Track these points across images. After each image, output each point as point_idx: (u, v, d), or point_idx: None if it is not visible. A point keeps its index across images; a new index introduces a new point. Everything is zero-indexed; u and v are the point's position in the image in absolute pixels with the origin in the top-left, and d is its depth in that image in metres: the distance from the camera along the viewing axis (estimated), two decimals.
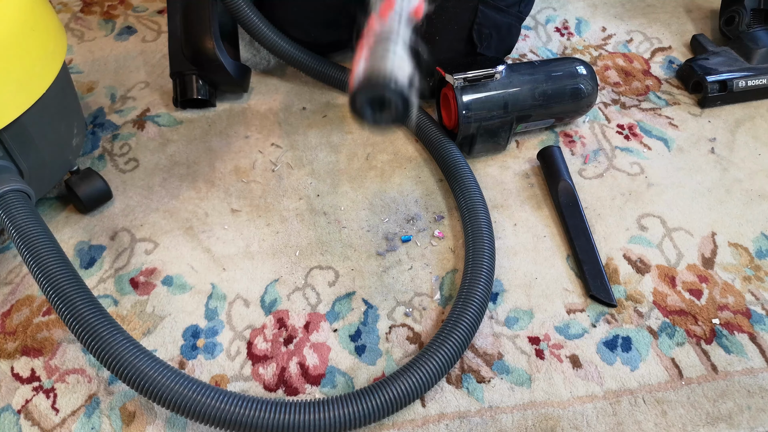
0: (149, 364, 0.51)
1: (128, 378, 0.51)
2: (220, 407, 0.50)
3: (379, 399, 0.53)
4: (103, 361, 0.51)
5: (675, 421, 0.56)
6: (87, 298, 0.53)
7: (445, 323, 0.59)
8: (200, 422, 0.51)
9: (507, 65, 0.74)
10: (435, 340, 0.58)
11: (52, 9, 0.67)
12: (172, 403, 0.51)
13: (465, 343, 0.58)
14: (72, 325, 0.52)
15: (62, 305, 0.52)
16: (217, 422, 0.51)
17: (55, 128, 0.66)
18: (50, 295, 0.52)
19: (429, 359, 0.56)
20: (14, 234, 0.55)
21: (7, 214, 0.56)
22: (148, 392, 0.51)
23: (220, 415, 0.50)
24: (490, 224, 0.67)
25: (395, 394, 0.53)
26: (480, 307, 0.60)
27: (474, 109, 0.72)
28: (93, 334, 0.51)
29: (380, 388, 0.54)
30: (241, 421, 0.50)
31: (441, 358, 0.56)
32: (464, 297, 0.60)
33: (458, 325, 0.58)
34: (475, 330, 0.59)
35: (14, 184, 0.58)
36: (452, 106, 0.75)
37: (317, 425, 0.51)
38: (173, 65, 0.83)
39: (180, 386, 0.51)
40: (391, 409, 0.54)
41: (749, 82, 0.83)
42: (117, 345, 0.51)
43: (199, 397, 0.50)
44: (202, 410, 0.50)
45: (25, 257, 0.54)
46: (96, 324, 0.51)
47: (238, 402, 0.51)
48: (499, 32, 0.79)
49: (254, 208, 0.74)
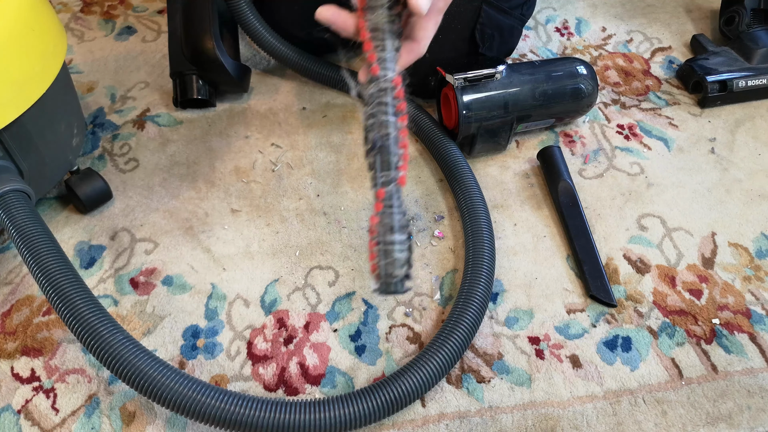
0: (149, 363, 0.51)
1: (128, 378, 0.51)
2: (220, 407, 0.50)
3: (380, 399, 0.53)
4: (104, 360, 0.51)
5: (675, 421, 0.56)
6: (87, 298, 0.53)
7: (445, 323, 0.59)
8: (201, 422, 0.51)
9: (507, 65, 0.74)
10: (435, 340, 0.58)
11: (52, 9, 0.67)
12: (173, 402, 0.51)
13: (465, 344, 0.58)
14: (72, 325, 0.52)
15: (62, 305, 0.52)
16: (217, 422, 0.51)
17: (55, 128, 0.66)
18: (50, 295, 0.52)
19: (429, 360, 0.55)
20: (14, 234, 0.55)
21: (7, 214, 0.56)
22: (148, 392, 0.51)
23: (221, 415, 0.50)
24: (491, 224, 0.67)
25: (395, 394, 0.53)
26: (480, 307, 0.60)
27: (474, 109, 0.72)
28: (93, 334, 0.51)
29: (380, 388, 0.54)
30: (242, 420, 0.50)
31: (441, 359, 0.56)
32: (464, 297, 0.60)
33: (458, 325, 0.58)
34: (475, 330, 0.59)
35: (14, 184, 0.58)
36: (453, 106, 0.75)
37: (317, 425, 0.51)
38: (173, 65, 0.83)
39: (180, 386, 0.51)
40: (391, 409, 0.54)
41: (749, 82, 0.83)
42: (117, 344, 0.51)
43: (200, 397, 0.50)
44: (203, 410, 0.50)
45: (25, 257, 0.54)
46: (96, 324, 0.51)
47: (238, 401, 0.51)
48: (501, 34, 0.79)
49: (254, 208, 0.74)
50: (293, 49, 0.84)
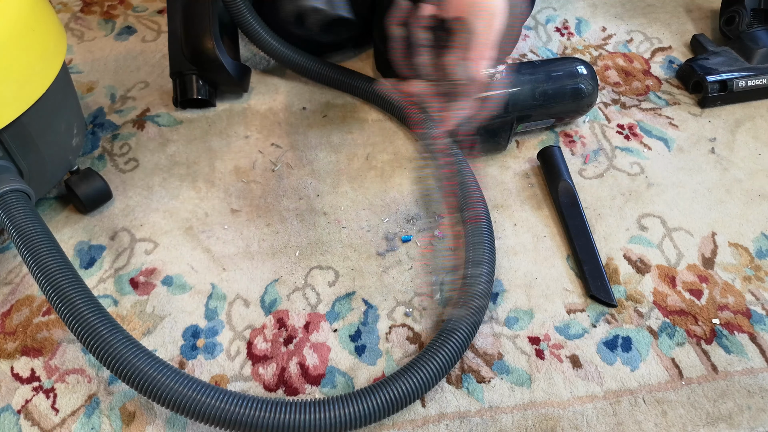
0: (149, 363, 0.51)
1: (128, 377, 0.51)
2: (219, 406, 0.50)
3: (379, 399, 0.53)
4: (103, 360, 0.51)
5: (675, 421, 0.56)
6: (86, 298, 0.53)
7: (445, 323, 0.59)
8: (200, 421, 0.51)
9: (507, 65, 0.74)
10: (435, 340, 0.58)
11: (52, 9, 0.67)
12: (172, 402, 0.51)
13: (465, 344, 0.58)
14: (72, 325, 0.52)
15: (62, 305, 0.52)
16: (216, 422, 0.51)
17: (55, 128, 0.66)
18: (50, 295, 0.52)
19: (429, 360, 0.55)
20: (14, 234, 0.55)
21: (7, 214, 0.56)
22: (147, 391, 0.51)
23: (220, 415, 0.50)
24: (491, 223, 0.67)
25: (395, 394, 0.53)
26: (480, 307, 0.60)
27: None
28: (93, 334, 0.51)
29: (380, 388, 0.54)
30: (241, 420, 0.50)
31: (441, 359, 0.56)
32: (464, 297, 0.60)
33: (459, 325, 0.58)
34: (475, 330, 0.59)
35: (14, 184, 0.58)
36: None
37: (317, 425, 0.51)
38: (173, 65, 0.83)
39: (180, 385, 0.51)
40: (391, 409, 0.54)
41: (749, 82, 0.83)
42: (117, 344, 0.51)
43: (199, 396, 0.50)
44: (202, 409, 0.50)
45: (25, 257, 0.54)
46: (95, 323, 0.51)
47: (238, 401, 0.51)
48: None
49: (254, 208, 0.74)
50: (292, 49, 0.84)
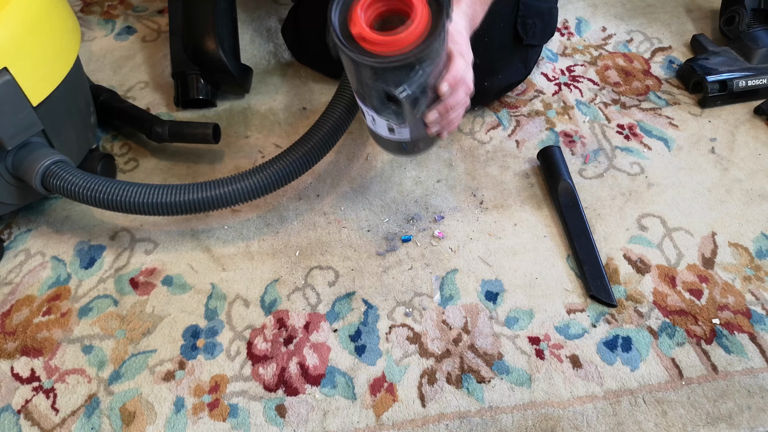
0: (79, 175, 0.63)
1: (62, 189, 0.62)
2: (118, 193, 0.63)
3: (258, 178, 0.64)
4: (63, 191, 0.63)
5: (675, 421, 0.56)
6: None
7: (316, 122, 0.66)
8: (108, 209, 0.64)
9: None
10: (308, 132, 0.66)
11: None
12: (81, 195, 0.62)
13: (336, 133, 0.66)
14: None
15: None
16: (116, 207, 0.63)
17: (78, 103, 0.70)
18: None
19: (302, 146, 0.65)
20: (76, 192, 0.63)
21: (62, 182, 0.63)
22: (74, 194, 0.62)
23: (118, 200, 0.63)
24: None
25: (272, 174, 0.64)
26: (347, 108, 0.66)
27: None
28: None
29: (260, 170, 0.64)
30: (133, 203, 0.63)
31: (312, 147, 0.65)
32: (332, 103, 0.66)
33: (328, 119, 0.66)
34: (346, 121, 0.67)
35: (54, 156, 0.64)
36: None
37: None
38: (175, 65, 0.83)
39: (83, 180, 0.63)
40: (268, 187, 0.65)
41: (749, 82, 0.83)
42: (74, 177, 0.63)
43: (98, 187, 0.62)
44: (102, 197, 0.63)
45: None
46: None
47: (132, 189, 0.63)
48: (542, 19, 0.80)
49: (254, 208, 0.74)
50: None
